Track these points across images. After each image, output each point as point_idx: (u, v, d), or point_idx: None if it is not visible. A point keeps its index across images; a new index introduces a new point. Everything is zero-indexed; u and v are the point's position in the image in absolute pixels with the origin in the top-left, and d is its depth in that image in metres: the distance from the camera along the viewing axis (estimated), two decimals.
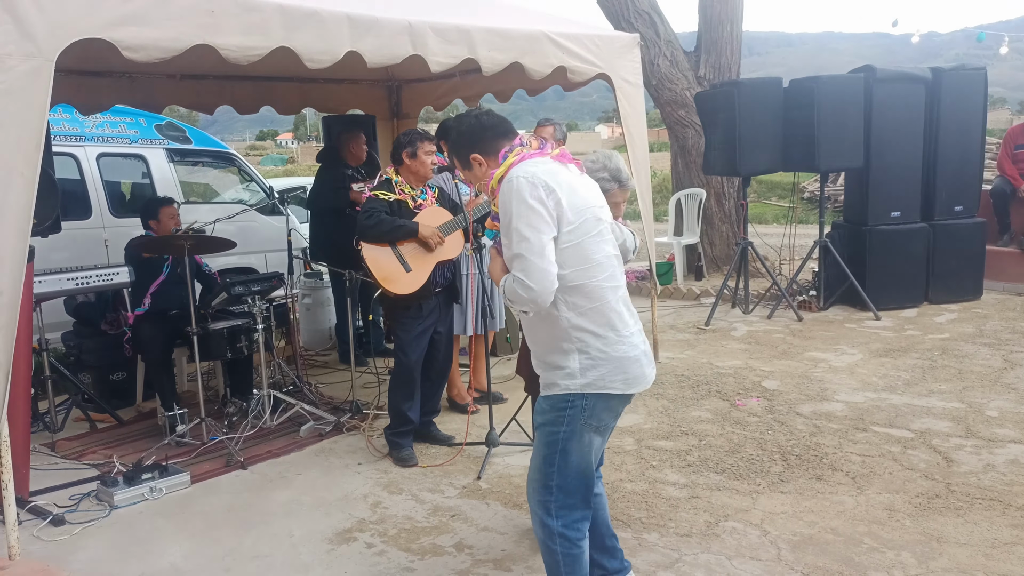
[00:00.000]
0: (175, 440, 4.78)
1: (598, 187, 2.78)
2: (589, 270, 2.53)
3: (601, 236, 2.58)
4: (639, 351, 2.61)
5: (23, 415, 3.99)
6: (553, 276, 2.45)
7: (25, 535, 3.60)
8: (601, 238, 2.57)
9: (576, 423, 2.59)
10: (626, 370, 2.56)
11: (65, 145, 6.74)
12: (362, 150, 6.47)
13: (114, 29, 3.30)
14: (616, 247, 2.69)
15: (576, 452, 2.62)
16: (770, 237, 9.61)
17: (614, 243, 2.68)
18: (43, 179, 3.32)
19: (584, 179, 2.70)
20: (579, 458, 2.63)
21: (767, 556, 3.35)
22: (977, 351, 6.30)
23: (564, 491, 2.64)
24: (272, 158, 46.85)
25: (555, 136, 5.58)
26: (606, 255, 2.58)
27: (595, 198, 2.66)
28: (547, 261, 2.44)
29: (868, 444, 4.52)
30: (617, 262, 2.66)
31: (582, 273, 2.52)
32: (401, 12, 4.28)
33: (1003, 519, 3.60)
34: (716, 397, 5.41)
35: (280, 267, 6.71)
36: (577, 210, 2.51)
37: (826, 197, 8.53)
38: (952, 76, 7.92)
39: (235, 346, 5.07)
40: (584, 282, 2.53)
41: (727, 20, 9.86)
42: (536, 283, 2.43)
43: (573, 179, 2.60)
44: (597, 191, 2.73)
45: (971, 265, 8.08)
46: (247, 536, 3.69)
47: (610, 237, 2.65)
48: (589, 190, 2.66)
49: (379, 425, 4.97)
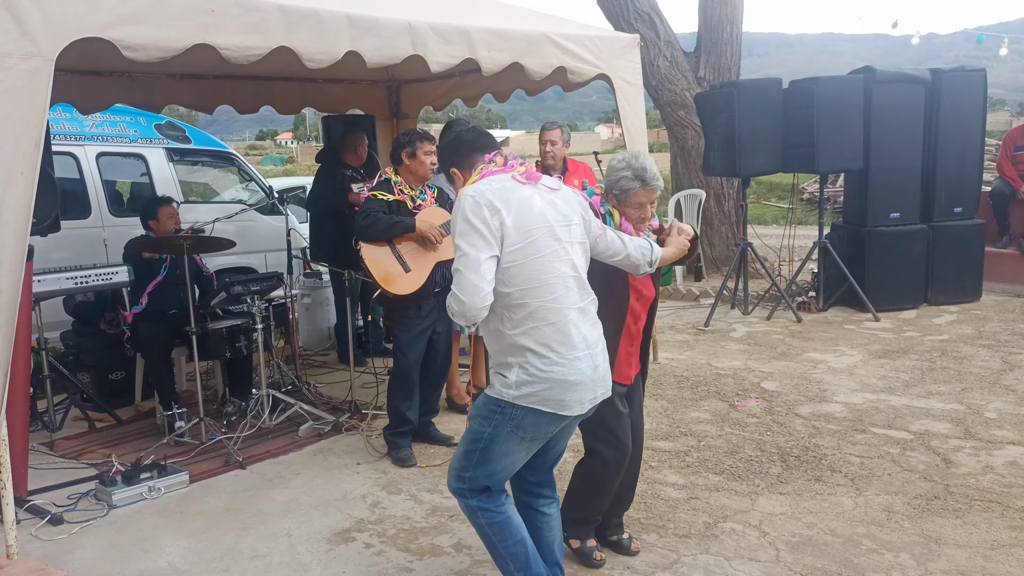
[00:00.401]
0: (174, 440, 4.78)
1: (578, 202, 2.76)
2: (534, 290, 2.55)
3: (556, 255, 2.58)
4: (583, 376, 2.60)
5: (22, 414, 3.99)
6: (485, 293, 2.49)
7: (23, 534, 3.60)
8: (556, 257, 2.58)
9: (502, 429, 2.64)
10: (563, 393, 2.58)
11: (65, 144, 6.74)
12: (365, 151, 6.48)
13: (114, 28, 3.30)
14: (575, 266, 2.65)
15: (497, 456, 2.69)
16: (769, 238, 9.62)
17: (574, 263, 2.65)
18: (42, 178, 3.32)
19: (557, 195, 2.70)
20: (498, 462, 2.70)
21: (766, 557, 3.35)
22: (976, 352, 6.31)
23: (475, 482, 2.74)
24: (272, 158, 46.86)
25: (563, 138, 5.58)
26: (558, 275, 2.58)
27: (559, 215, 2.65)
28: (480, 278, 2.48)
29: (867, 445, 4.52)
30: (574, 283, 2.63)
31: (526, 293, 2.55)
32: (401, 12, 4.28)
33: (1002, 521, 3.60)
34: (715, 398, 5.41)
35: (279, 267, 6.71)
36: (525, 229, 2.54)
37: (825, 198, 8.53)
38: (952, 78, 7.93)
39: (234, 346, 5.07)
40: (527, 301, 2.56)
41: (727, 21, 9.87)
42: (467, 297, 2.49)
43: (535, 197, 2.62)
44: (572, 206, 2.71)
45: (970, 267, 8.08)
46: (245, 536, 3.69)
47: (570, 256, 2.63)
48: (557, 207, 2.66)
49: (378, 425, 4.97)
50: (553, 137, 5.56)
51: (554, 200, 2.68)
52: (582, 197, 2.87)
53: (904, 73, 7.97)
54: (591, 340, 2.65)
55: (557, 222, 2.63)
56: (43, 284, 4.78)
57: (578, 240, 2.69)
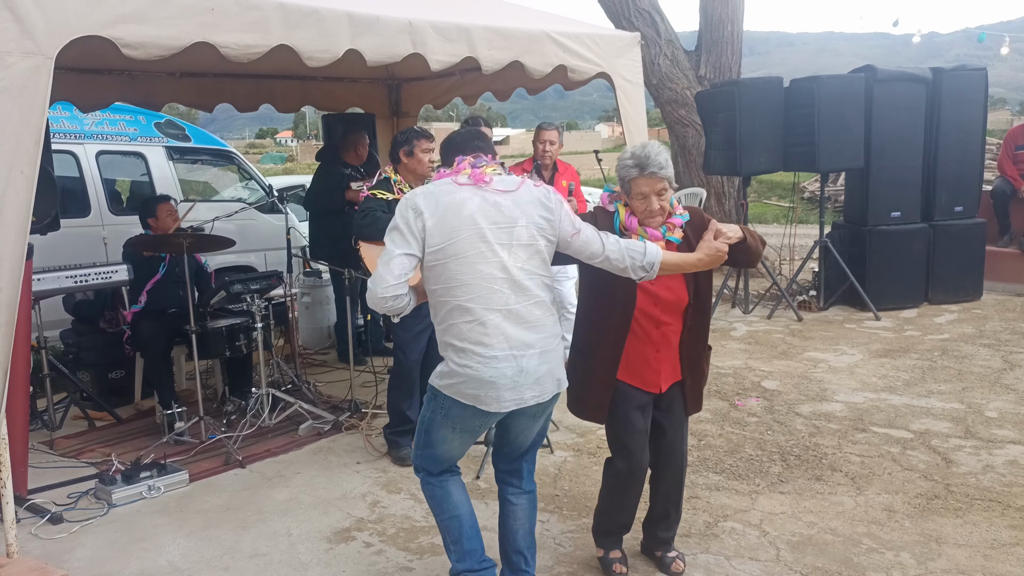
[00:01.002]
0: (173, 438, 4.78)
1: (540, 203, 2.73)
2: (453, 289, 2.66)
3: (481, 257, 2.63)
4: (499, 376, 2.63)
5: (22, 413, 3.99)
6: (388, 285, 2.63)
7: (23, 533, 3.60)
8: (481, 259, 2.63)
9: (436, 415, 2.81)
10: (477, 389, 2.66)
11: (64, 143, 6.74)
12: (366, 150, 6.48)
13: (114, 27, 3.30)
14: (505, 268, 2.65)
15: (436, 441, 2.86)
16: (770, 237, 9.51)
17: (505, 265, 2.64)
18: (42, 177, 3.32)
19: (509, 196, 2.71)
20: (437, 447, 2.87)
21: (766, 556, 3.34)
22: (977, 352, 6.30)
23: (423, 461, 2.94)
24: (272, 156, 46.85)
25: (560, 139, 5.76)
26: (481, 276, 2.63)
27: (502, 217, 2.67)
28: (388, 271, 2.63)
29: (867, 445, 4.52)
30: (504, 284, 2.65)
31: (446, 291, 2.68)
32: (401, 10, 4.27)
33: (1002, 520, 3.60)
34: (716, 397, 5.41)
35: (279, 266, 6.70)
36: (448, 231, 2.64)
37: (826, 197, 8.53)
38: (953, 76, 7.92)
39: (234, 344, 5.07)
40: (447, 299, 2.69)
41: (728, 19, 9.85)
42: (372, 285, 2.66)
43: (473, 200, 2.67)
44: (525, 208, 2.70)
45: (971, 266, 8.08)
46: (245, 535, 3.69)
47: (500, 258, 2.63)
48: (501, 208, 2.67)
49: (378, 424, 4.96)
50: (552, 137, 5.68)
51: (500, 202, 2.70)
52: (553, 198, 2.79)
53: (905, 72, 7.96)
54: (517, 342, 2.66)
55: (493, 224, 2.67)
56: (43, 283, 4.78)
57: (523, 242, 2.69)
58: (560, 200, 2.83)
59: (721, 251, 2.85)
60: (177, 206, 5.60)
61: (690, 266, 2.89)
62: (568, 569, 3.31)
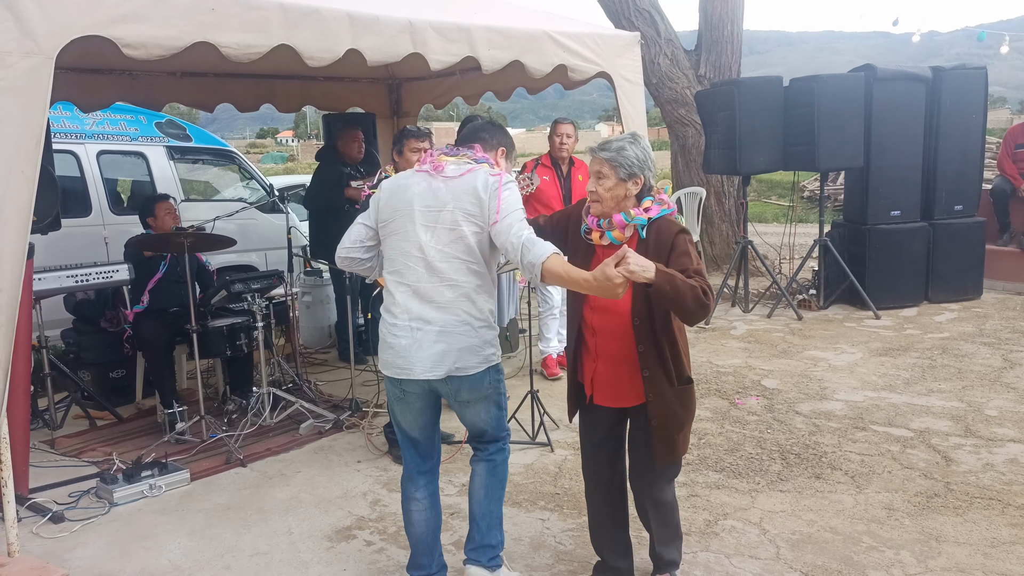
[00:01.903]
0: (175, 438, 4.79)
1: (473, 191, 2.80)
2: (386, 261, 2.97)
3: (405, 235, 2.87)
4: (396, 343, 2.87)
5: (23, 412, 3.99)
6: (344, 247, 3.03)
7: (25, 532, 3.61)
8: (404, 237, 2.87)
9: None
10: (384, 353, 2.93)
11: (65, 142, 6.74)
12: (353, 148, 6.42)
13: (114, 26, 3.30)
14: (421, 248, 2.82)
15: (389, 407, 3.06)
16: (770, 236, 9.62)
17: (422, 245, 2.82)
18: (43, 176, 3.32)
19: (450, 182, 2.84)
20: (391, 414, 3.07)
21: (766, 555, 3.35)
22: (977, 350, 6.31)
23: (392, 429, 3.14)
24: (272, 156, 46.87)
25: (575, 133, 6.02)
26: (401, 252, 2.88)
27: (434, 200, 2.83)
28: (348, 236, 3.03)
29: (867, 443, 4.52)
30: (418, 263, 2.84)
31: (385, 263, 2.99)
32: (401, 10, 4.28)
33: (1002, 518, 3.61)
34: (716, 396, 5.41)
35: (280, 265, 6.71)
36: (391, 210, 2.91)
37: (826, 196, 8.53)
38: (952, 75, 7.92)
39: (235, 344, 5.08)
40: (384, 270, 3.00)
41: (728, 19, 9.86)
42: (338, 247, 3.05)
43: (420, 184, 2.88)
44: (456, 194, 2.82)
45: (971, 264, 8.08)
46: (246, 533, 3.69)
47: (419, 238, 2.83)
48: (437, 193, 2.84)
49: (379, 423, 4.97)
50: (568, 131, 5.92)
51: (439, 188, 2.87)
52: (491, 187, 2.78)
53: (905, 71, 7.95)
54: (415, 315, 2.84)
55: (424, 207, 2.85)
56: (44, 282, 4.78)
57: (446, 225, 2.83)
58: (503, 191, 2.79)
59: (610, 279, 2.43)
60: (177, 206, 5.60)
61: (575, 283, 2.60)
62: (568, 568, 3.31)
